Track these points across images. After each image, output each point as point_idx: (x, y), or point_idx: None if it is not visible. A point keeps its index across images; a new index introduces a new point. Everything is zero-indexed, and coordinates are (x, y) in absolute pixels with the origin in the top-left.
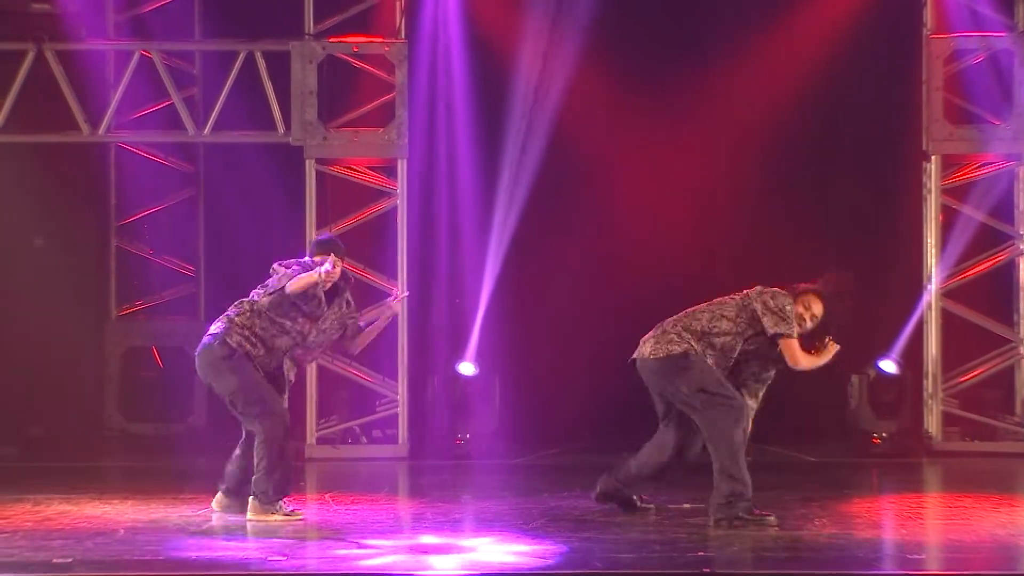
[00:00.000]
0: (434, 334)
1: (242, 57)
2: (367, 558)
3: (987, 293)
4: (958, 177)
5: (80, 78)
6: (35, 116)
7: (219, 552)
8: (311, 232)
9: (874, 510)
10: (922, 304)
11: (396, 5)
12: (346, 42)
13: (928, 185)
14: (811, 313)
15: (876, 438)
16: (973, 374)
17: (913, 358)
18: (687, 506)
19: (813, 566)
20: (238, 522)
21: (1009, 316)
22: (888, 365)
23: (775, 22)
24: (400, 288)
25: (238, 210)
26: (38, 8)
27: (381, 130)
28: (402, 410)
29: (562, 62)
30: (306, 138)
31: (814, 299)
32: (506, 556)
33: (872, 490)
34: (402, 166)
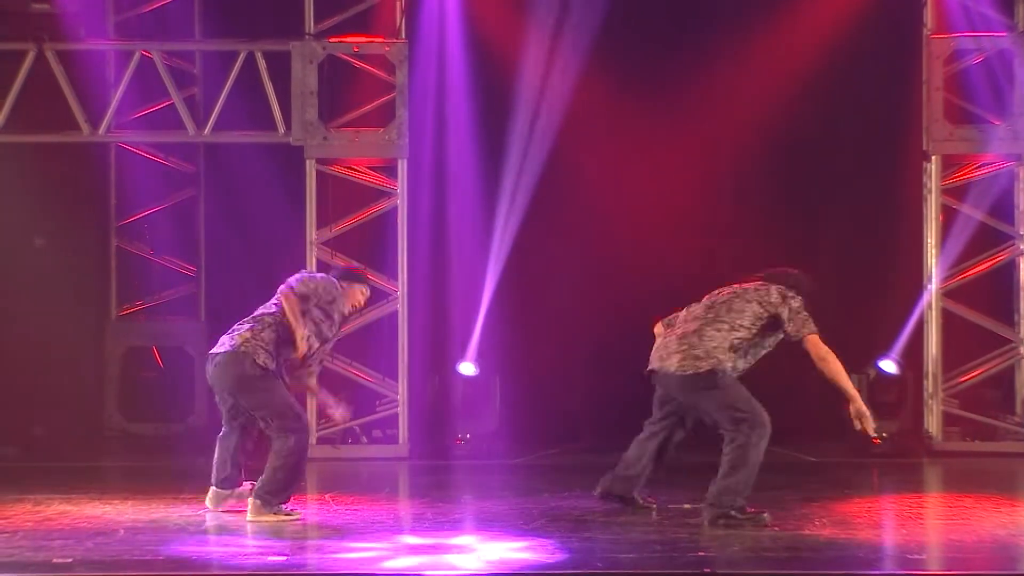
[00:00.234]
0: (434, 334)
1: (242, 57)
2: (367, 558)
3: (987, 293)
4: (958, 177)
5: (80, 78)
6: (35, 116)
7: (219, 552)
8: (311, 232)
9: (874, 510)
10: (922, 304)
11: (396, 5)
12: (346, 42)
13: (928, 185)
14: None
15: (876, 438)
16: (973, 374)
17: (913, 358)
18: (687, 506)
19: (813, 566)
20: (238, 522)
21: (1009, 316)
22: (888, 365)
23: (775, 23)
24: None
25: (238, 210)
26: (38, 8)
27: (381, 130)
28: (402, 410)
29: (562, 62)
30: (306, 138)
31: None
32: (506, 556)
33: (872, 490)
34: (402, 166)
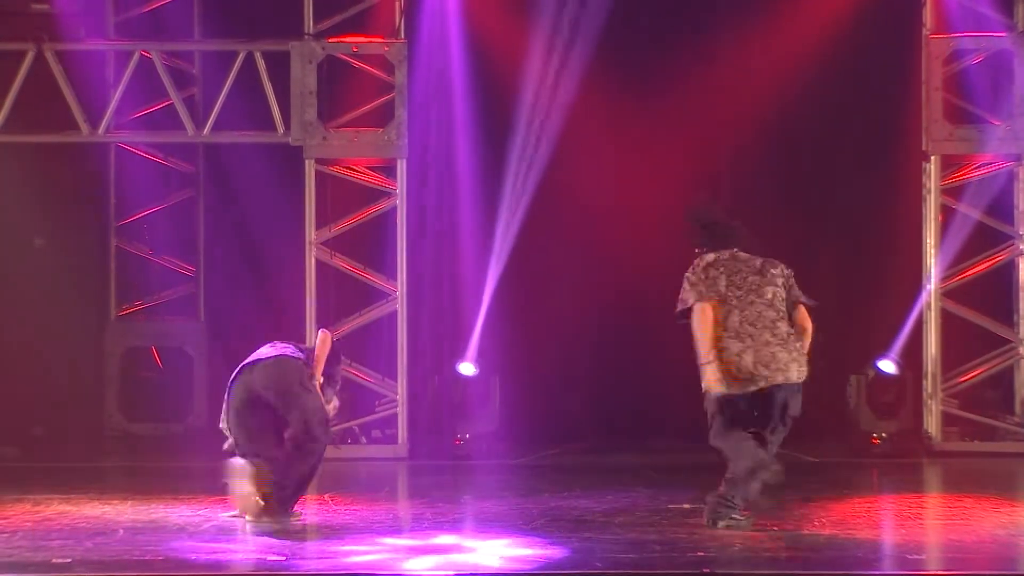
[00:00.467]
0: (434, 334)
1: (242, 57)
2: (367, 559)
3: (987, 293)
4: (957, 177)
5: (80, 78)
6: (35, 116)
7: (219, 552)
8: (310, 232)
9: (874, 510)
10: (921, 304)
11: (396, 5)
12: (346, 42)
13: (928, 185)
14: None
15: (876, 438)
16: (973, 374)
17: (913, 358)
18: (687, 506)
19: (813, 566)
20: (237, 522)
21: (1009, 316)
22: (887, 365)
23: (775, 23)
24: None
25: (238, 210)
26: (38, 8)
27: (381, 130)
28: (402, 410)
29: (562, 62)
30: (306, 138)
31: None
32: (506, 556)
33: (872, 490)
34: (401, 166)
